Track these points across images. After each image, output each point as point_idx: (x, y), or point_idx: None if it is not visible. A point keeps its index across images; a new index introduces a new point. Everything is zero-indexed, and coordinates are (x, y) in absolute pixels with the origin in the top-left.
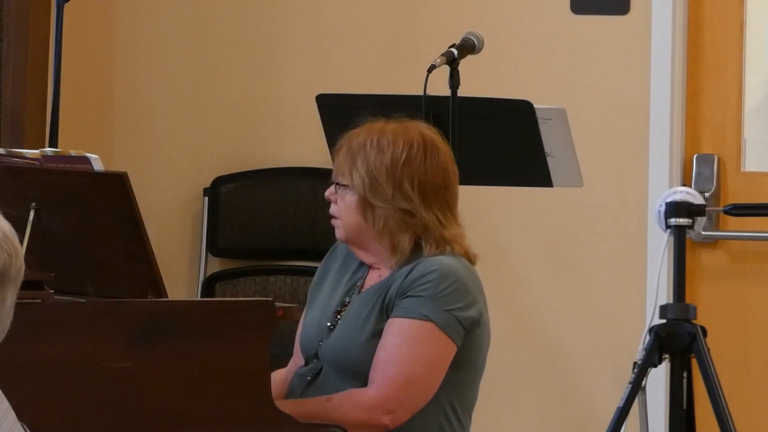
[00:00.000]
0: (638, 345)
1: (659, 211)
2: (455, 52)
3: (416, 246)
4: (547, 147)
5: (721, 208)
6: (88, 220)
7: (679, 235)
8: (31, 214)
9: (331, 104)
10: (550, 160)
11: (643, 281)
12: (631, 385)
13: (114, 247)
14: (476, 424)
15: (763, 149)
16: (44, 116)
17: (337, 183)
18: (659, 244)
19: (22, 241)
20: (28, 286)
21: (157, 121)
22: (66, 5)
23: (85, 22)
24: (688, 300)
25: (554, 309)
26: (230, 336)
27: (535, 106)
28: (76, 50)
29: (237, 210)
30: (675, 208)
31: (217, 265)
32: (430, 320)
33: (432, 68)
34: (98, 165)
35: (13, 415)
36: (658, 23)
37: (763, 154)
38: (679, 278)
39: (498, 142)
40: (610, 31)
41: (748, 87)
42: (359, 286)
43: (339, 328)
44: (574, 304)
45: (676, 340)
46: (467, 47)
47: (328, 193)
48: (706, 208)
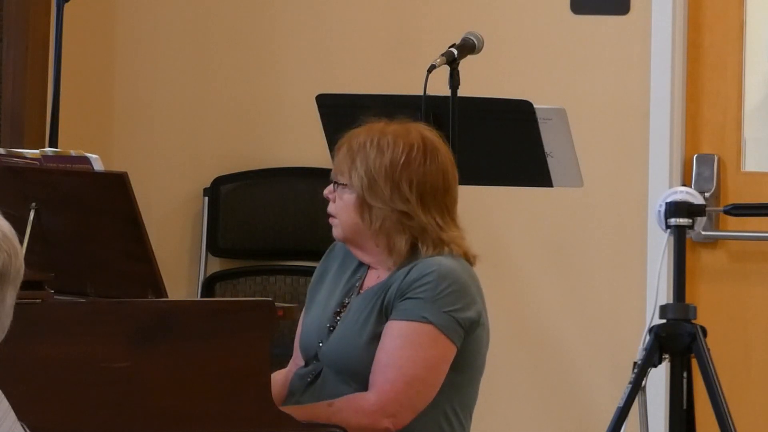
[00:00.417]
0: (638, 345)
1: (659, 211)
2: (455, 52)
3: (413, 247)
4: (547, 147)
5: (721, 208)
6: (88, 220)
7: (679, 235)
8: (31, 214)
9: (331, 104)
10: (550, 160)
11: (643, 281)
12: (631, 385)
13: (114, 247)
14: (476, 424)
15: (763, 149)
16: (44, 116)
17: (336, 182)
18: (659, 244)
19: (22, 241)
20: (28, 286)
21: (157, 121)
22: (66, 5)
23: (85, 22)
24: (688, 300)
25: (554, 309)
26: (230, 336)
27: (535, 106)
28: (76, 50)
29: (237, 210)
30: (675, 208)
31: (217, 265)
32: (430, 322)
33: (432, 68)
34: (98, 165)
35: (12, 415)
36: (658, 23)
37: (763, 154)
38: (679, 278)
39: (498, 142)
40: (610, 31)
41: (748, 87)
42: (358, 287)
43: (338, 330)
44: (574, 304)
45: (676, 340)
46: (467, 47)
47: (327, 191)
48: (706, 208)
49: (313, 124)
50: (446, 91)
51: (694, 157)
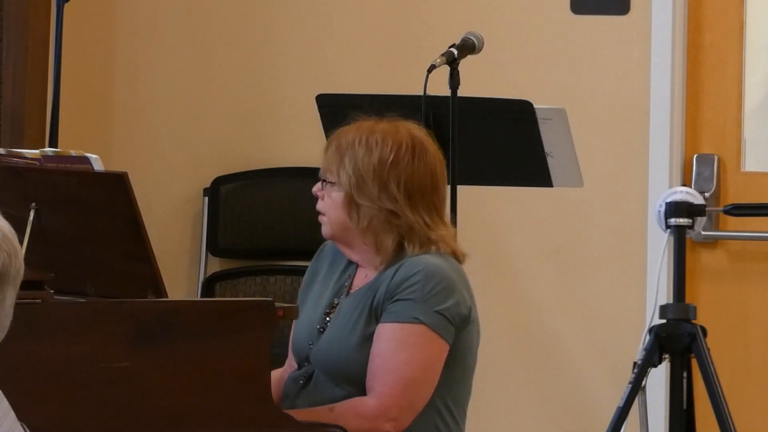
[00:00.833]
0: (638, 345)
1: (659, 211)
2: (455, 52)
3: (400, 246)
4: (547, 147)
5: (721, 208)
6: (88, 220)
7: (679, 235)
8: (31, 214)
9: (331, 104)
10: (550, 160)
11: (643, 281)
12: (631, 385)
13: (114, 247)
14: (476, 424)
15: (763, 149)
16: (44, 116)
17: (324, 180)
18: (659, 244)
19: (22, 241)
20: (28, 286)
21: (157, 121)
22: (66, 5)
23: (85, 22)
24: (688, 300)
25: (554, 309)
26: (230, 336)
27: (535, 106)
28: (76, 50)
29: (237, 210)
30: (675, 208)
31: (217, 265)
32: (421, 322)
33: (432, 68)
34: (98, 165)
35: (12, 415)
36: (658, 23)
37: (763, 154)
38: (679, 278)
39: (498, 142)
40: (610, 31)
41: (748, 87)
42: (347, 287)
43: (328, 332)
44: (574, 304)
45: (676, 340)
46: (467, 47)
47: (315, 189)
48: (706, 208)
49: (313, 124)
50: (446, 91)
51: (694, 157)
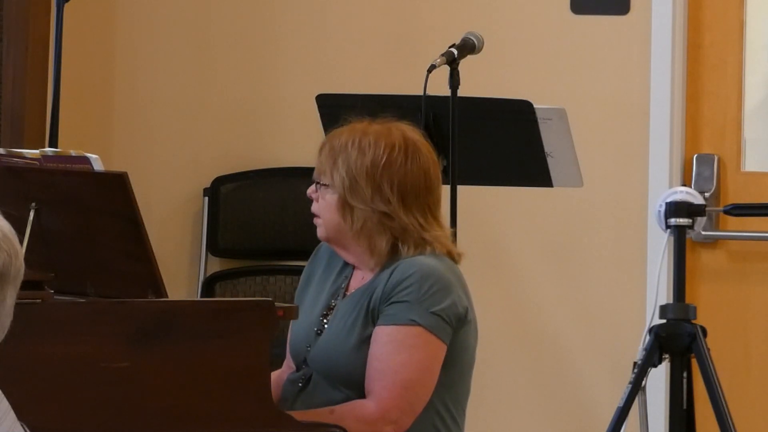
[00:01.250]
0: (638, 345)
1: (659, 211)
2: (455, 52)
3: (395, 247)
4: (547, 147)
5: (721, 208)
6: (88, 220)
7: (679, 235)
8: (31, 214)
9: (331, 104)
10: (550, 160)
11: (643, 281)
12: (631, 385)
13: (114, 247)
14: (476, 424)
15: (763, 149)
16: (44, 116)
17: (318, 182)
18: (659, 244)
19: (22, 241)
20: (28, 286)
21: (157, 121)
22: (66, 5)
23: (85, 22)
24: (688, 300)
25: (554, 309)
26: (230, 336)
27: (535, 106)
28: (76, 50)
29: (237, 210)
30: (675, 208)
31: (217, 265)
32: (418, 324)
33: (432, 68)
34: (98, 165)
35: (12, 414)
36: (658, 23)
37: (763, 154)
38: (679, 278)
39: (498, 142)
40: (610, 31)
41: (748, 87)
42: (344, 289)
43: (325, 334)
44: (574, 304)
45: (676, 340)
46: (467, 47)
47: (310, 191)
48: (706, 208)
49: (313, 124)
50: (446, 91)
51: (694, 157)
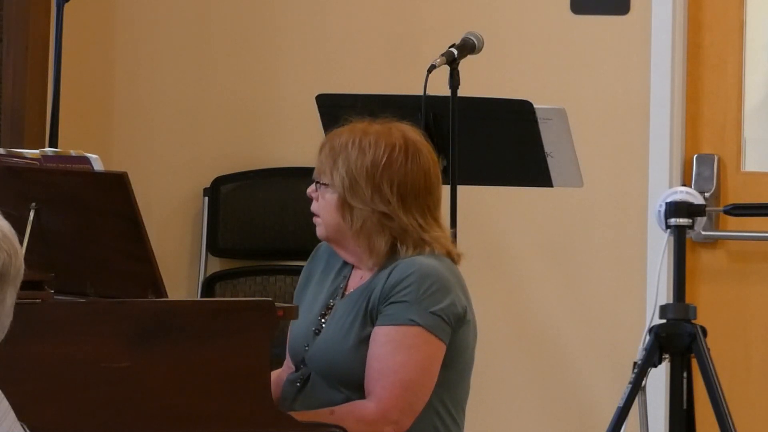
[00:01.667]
0: (638, 345)
1: (659, 211)
2: (455, 52)
3: (393, 247)
4: (547, 147)
5: (721, 208)
6: (88, 220)
7: (679, 235)
8: (31, 214)
9: (331, 104)
10: (550, 160)
11: (643, 281)
12: (631, 385)
13: (114, 247)
14: (476, 424)
15: (763, 149)
16: (44, 116)
17: (318, 181)
18: (659, 244)
19: (22, 241)
20: (28, 286)
21: (157, 121)
22: (66, 5)
23: (85, 22)
24: (688, 300)
25: (554, 309)
26: (230, 336)
27: (535, 106)
28: (76, 50)
29: (237, 210)
30: (675, 208)
31: (217, 265)
32: (417, 324)
33: (432, 68)
34: (98, 165)
35: (12, 414)
36: (658, 23)
37: (763, 154)
38: (679, 278)
39: (498, 142)
40: (610, 31)
41: (748, 87)
42: (342, 289)
43: (323, 334)
44: (574, 304)
45: (676, 340)
46: (467, 47)
47: (310, 190)
48: (706, 208)
49: (313, 124)
50: (446, 91)
51: (694, 157)
